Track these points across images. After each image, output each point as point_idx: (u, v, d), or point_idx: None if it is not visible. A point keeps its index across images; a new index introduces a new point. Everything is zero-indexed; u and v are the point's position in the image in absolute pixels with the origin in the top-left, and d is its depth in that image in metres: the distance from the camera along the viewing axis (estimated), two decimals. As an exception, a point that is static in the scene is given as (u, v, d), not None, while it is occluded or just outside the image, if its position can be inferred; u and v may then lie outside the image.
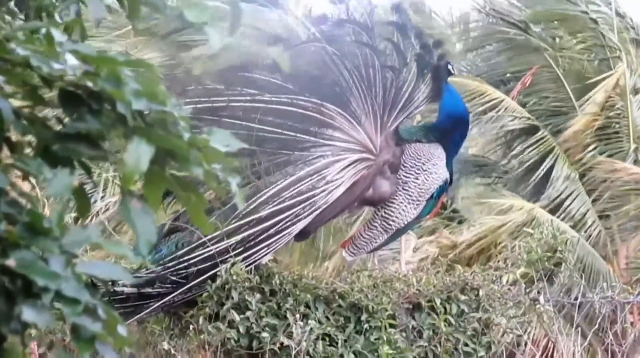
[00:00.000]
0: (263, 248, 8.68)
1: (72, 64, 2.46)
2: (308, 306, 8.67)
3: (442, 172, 9.32)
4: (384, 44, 9.15)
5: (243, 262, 8.53)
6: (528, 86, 15.58)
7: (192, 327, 8.59)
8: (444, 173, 9.33)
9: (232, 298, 8.50)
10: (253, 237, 8.65)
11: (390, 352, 8.60)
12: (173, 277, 8.57)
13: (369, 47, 9.01)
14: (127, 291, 8.56)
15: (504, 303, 9.11)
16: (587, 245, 14.00)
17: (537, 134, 15.29)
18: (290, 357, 8.46)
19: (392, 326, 8.74)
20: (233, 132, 2.74)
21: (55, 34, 2.49)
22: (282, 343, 8.50)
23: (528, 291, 9.33)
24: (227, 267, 8.46)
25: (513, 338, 9.35)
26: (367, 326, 8.69)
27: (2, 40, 2.46)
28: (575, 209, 14.67)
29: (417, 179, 9.20)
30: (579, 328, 10.18)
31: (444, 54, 9.47)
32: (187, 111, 2.54)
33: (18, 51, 2.44)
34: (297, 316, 8.52)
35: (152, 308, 8.55)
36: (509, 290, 9.21)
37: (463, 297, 8.95)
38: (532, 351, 9.89)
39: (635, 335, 10.76)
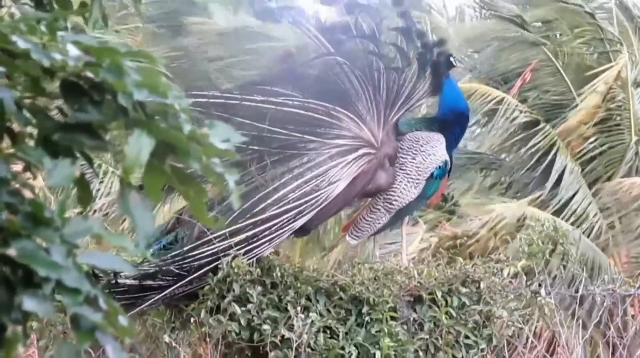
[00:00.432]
0: (265, 243, 8.73)
1: (73, 55, 2.46)
2: (309, 298, 8.68)
3: (441, 154, 9.33)
4: (389, 48, 9.23)
5: (244, 256, 8.56)
6: (528, 81, 15.56)
7: (193, 320, 8.60)
8: (444, 155, 9.34)
9: (233, 291, 8.51)
10: (257, 235, 8.69)
11: (392, 345, 8.61)
12: (175, 270, 8.59)
13: (376, 55, 9.08)
14: (129, 283, 8.57)
15: (505, 296, 9.11)
16: (586, 239, 13.98)
17: (538, 128, 15.25)
18: (292, 350, 8.47)
19: (393, 318, 8.74)
20: (243, 133, 2.74)
21: (58, 25, 2.49)
22: (283, 336, 8.51)
23: (529, 283, 9.34)
24: (228, 260, 8.48)
25: (514, 331, 9.36)
26: (368, 319, 8.69)
27: (3, 32, 2.45)
28: (577, 204, 14.65)
29: (414, 159, 9.24)
30: (580, 321, 10.18)
31: (445, 51, 9.49)
32: (187, 102, 2.53)
33: (19, 43, 2.44)
34: (298, 308, 8.53)
35: (153, 301, 8.57)
36: (510, 282, 9.22)
37: (464, 290, 8.96)
38: (533, 344, 9.91)
39: (637, 327, 10.77)
